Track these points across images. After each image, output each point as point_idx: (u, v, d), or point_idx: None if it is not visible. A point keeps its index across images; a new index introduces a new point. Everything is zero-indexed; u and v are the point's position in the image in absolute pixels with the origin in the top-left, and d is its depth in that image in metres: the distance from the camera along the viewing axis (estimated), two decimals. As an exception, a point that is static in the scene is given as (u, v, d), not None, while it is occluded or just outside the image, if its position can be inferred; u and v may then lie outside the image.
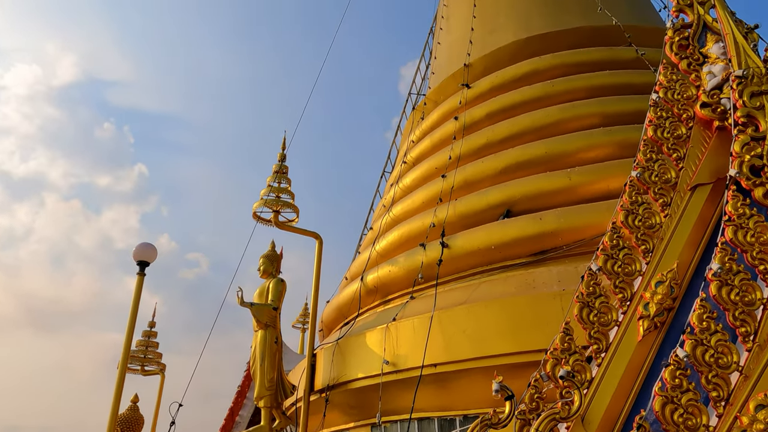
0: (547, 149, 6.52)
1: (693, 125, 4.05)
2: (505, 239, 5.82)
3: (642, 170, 3.95)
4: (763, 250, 3.25)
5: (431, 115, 9.23)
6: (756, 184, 3.43)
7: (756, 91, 3.70)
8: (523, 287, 5.29)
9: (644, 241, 3.69)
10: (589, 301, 3.56)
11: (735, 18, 4.26)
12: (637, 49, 7.72)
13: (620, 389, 3.27)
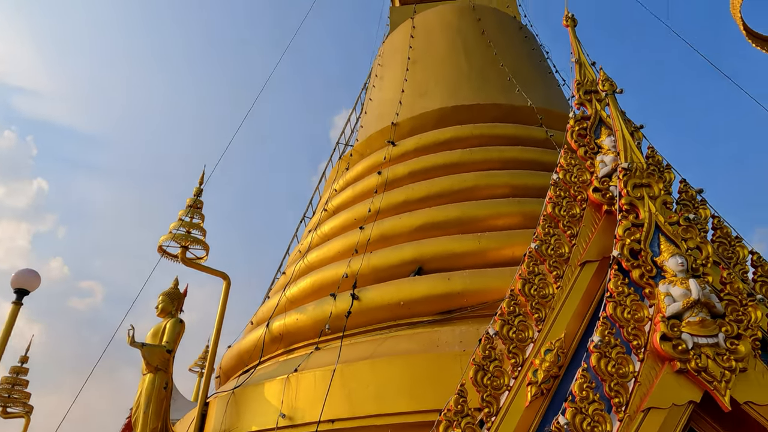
0: (460, 213, 6.85)
1: (586, 206, 4.47)
2: (413, 296, 5.94)
3: (540, 243, 4.26)
4: (637, 327, 3.58)
5: (356, 166, 9.43)
6: (634, 265, 3.81)
7: (638, 183, 4.19)
8: (427, 345, 5.38)
9: (538, 309, 3.94)
10: (485, 364, 3.69)
11: (625, 117, 4.85)
12: (547, 130, 8.49)
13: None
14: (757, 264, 4.14)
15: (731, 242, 4.26)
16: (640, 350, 3.48)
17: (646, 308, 3.65)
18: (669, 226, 3.96)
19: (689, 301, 3.48)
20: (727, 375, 3.28)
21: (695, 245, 3.88)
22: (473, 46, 10.93)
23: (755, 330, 3.51)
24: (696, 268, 3.74)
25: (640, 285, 3.76)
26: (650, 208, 4.06)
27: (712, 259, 3.86)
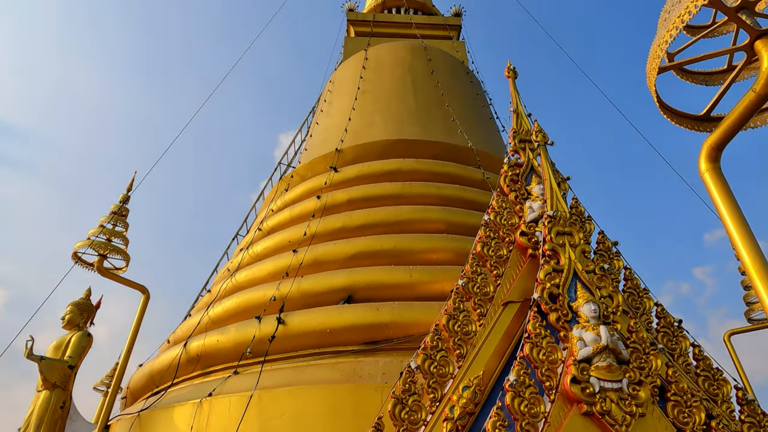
0: (395, 244, 6.92)
1: (513, 249, 4.67)
2: (341, 324, 5.88)
3: (467, 280, 4.38)
4: (551, 368, 3.73)
5: (296, 188, 9.35)
6: (552, 309, 3.99)
7: (561, 231, 4.43)
8: (350, 375, 5.31)
9: (460, 345, 4.01)
10: (404, 398, 3.69)
11: (554, 168, 5.16)
12: (484, 172, 8.84)
13: (417, 490, 3.35)
14: (660, 315, 4.46)
15: (640, 293, 4.58)
16: (551, 391, 3.61)
17: (560, 351, 3.81)
18: (586, 274, 4.20)
19: (599, 346, 3.68)
20: (628, 419, 3.46)
21: (608, 294, 4.13)
22: (422, 84, 11.30)
23: (655, 377, 3.75)
24: (607, 316, 3.97)
25: (557, 328, 3.94)
26: (570, 256, 4.29)
27: (622, 308, 4.12)
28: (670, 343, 4.27)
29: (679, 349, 4.25)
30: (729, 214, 2.49)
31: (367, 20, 15.65)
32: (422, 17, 16.08)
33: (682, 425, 3.58)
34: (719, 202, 2.54)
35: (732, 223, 2.46)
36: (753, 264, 2.30)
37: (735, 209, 2.49)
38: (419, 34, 14.54)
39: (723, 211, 2.52)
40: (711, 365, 4.20)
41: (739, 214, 2.49)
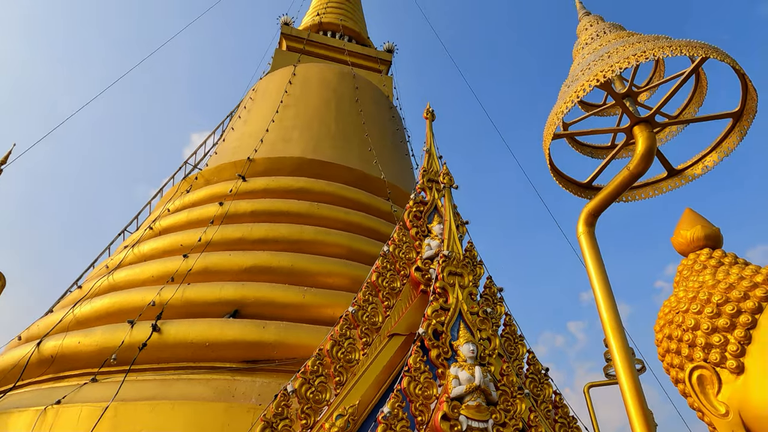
0: (293, 263, 6.79)
1: (406, 282, 4.77)
2: (222, 339, 5.59)
3: (357, 308, 4.39)
4: (425, 404, 3.81)
5: (199, 191, 8.91)
6: (434, 345, 4.11)
7: (453, 271, 4.61)
8: (223, 394, 5.04)
9: (340, 373, 3.97)
10: (274, 422, 3.56)
11: (455, 211, 5.41)
12: (392, 205, 9.04)
13: None
14: (531, 362, 4.75)
15: (515, 339, 4.86)
16: (422, 426, 3.68)
17: (436, 387, 3.91)
18: (470, 315, 4.39)
19: (472, 386, 3.82)
20: (489, 459, 3.61)
21: (487, 336, 4.34)
22: (345, 110, 11.43)
23: (518, 420, 3.96)
24: (483, 357, 4.16)
25: (436, 365, 4.04)
26: (458, 296, 4.47)
27: (498, 351, 4.34)
28: (536, 389, 4.55)
29: (543, 395, 4.54)
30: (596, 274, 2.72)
31: (301, 37, 15.65)
32: (356, 46, 16.41)
33: (536, 468, 3.80)
34: (589, 263, 2.77)
35: (597, 283, 2.69)
36: (609, 322, 2.52)
37: (601, 271, 2.72)
38: (350, 62, 14.78)
39: (591, 271, 2.75)
40: (568, 413, 4.53)
41: (603, 275, 2.72)
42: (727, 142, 2.97)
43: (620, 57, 2.57)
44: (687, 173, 3.15)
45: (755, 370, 1.76)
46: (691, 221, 2.50)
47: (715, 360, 1.84)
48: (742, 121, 2.84)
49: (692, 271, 2.29)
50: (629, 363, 2.50)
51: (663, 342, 2.18)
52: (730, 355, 1.82)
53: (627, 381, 2.14)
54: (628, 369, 2.42)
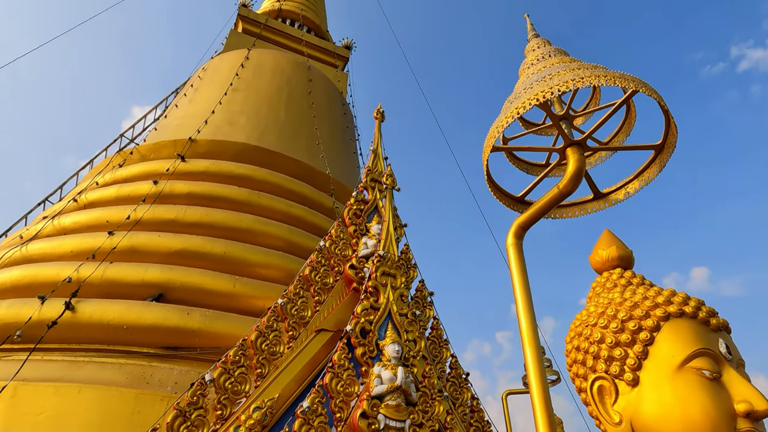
0: (226, 250, 6.61)
1: (339, 279, 4.76)
2: (142, 322, 5.35)
3: (287, 301, 4.33)
4: (345, 401, 3.81)
5: (133, 167, 8.48)
6: (360, 343, 4.13)
7: (386, 272, 4.66)
8: (136, 380, 4.81)
9: (263, 365, 3.91)
10: (188, 411, 3.44)
11: (395, 213, 5.46)
12: (335, 201, 9.00)
13: None
14: (453, 366, 4.87)
15: (441, 343, 4.97)
16: (340, 423, 3.68)
17: (358, 385, 3.93)
18: (399, 317, 4.45)
19: (393, 386, 3.87)
20: (402, 458, 3.66)
21: (413, 338, 4.41)
22: (296, 101, 11.26)
23: (435, 422, 4.05)
24: (408, 358, 4.23)
25: (360, 363, 4.06)
26: (389, 297, 4.52)
27: (422, 354, 4.42)
28: (456, 393, 4.68)
29: (461, 399, 4.66)
30: (519, 285, 2.80)
31: (259, 21, 15.27)
32: (314, 38, 16.21)
33: (447, 469, 3.90)
34: (514, 273, 2.86)
35: (519, 293, 2.78)
36: (526, 331, 2.61)
37: (525, 282, 2.82)
38: (306, 53, 14.59)
39: (515, 281, 2.84)
40: (483, 417, 4.68)
41: (526, 286, 2.81)
42: (648, 172, 3.18)
43: (560, 80, 2.69)
44: (611, 197, 3.33)
45: (648, 383, 1.88)
46: (608, 242, 2.64)
47: (615, 372, 1.95)
48: (662, 154, 3.05)
49: (604, 288, 2.42)
50: (540, 371, 2.61)
51: (572, 353, 2.29)
52: (628, 369, 1.94)
53: (537, 388, 2.24)
54: (538, 377, 2.52)
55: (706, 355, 1.88)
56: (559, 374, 9.39)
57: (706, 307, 2.05)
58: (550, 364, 9.43)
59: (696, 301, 2.09)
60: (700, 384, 1.80)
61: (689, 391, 1.79)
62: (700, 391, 1.77)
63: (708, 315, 2.01)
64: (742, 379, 1.82)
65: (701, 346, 1.89)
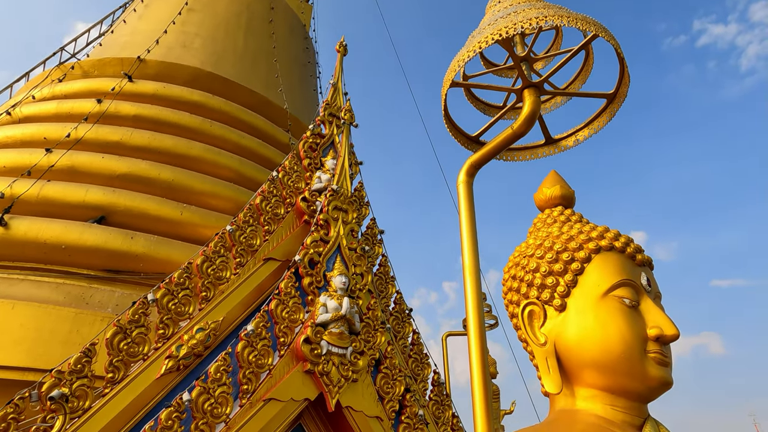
0: (173, 177, 6.39)
1: (290, 211, 4.74)
2: (81, 243, 5.17)
3: (236, 228, 4.29)
4: (290, 327, 3.89)
5: (74, 83, 7.91)
6: (308, 273, 4.17)
7: (338, 206, 4.67)
8: (75, 300, 4.71)
9: (208, 288, 3.90)
10: (129, 328, 3.42)
11: (351, 149, 5.41)
12: (291, 138, 8.80)
13: (116, 422, 3.14)
14: (397, 302, 5.03)
15: (387, 280, 5.10)
16: (283, 347, 3.77)
17: (303, 313, 4.01)
18: (348, 251, 4.50)
19: (337, 315, 3.98)
20: (342, 382, 3.82)
21: (361, 272, 4.50)
22: (256, 29, 10.70)
23: (375, 351, 4.22)
24: (354, 291, 4.33)
25: (307, 292, 4.13)
26: (340, 231, 4.55)
27: (368, 288, 4.53)
28: (398, 326, 4.86)
29: (403, 332, 4.86)
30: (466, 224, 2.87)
31: (219, -62, 14.15)
32: (278, -37, 15.25)
33: (384, 393, 4.11)
34: (462, 211, 2.92)
35: (465, 232, 2.84)
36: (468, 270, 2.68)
37: (472, 221, 2.89)
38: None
39: (462, 219, 2.90)
40: (422, 350, 4.91)
41: (473, 226, 2.88)
42: (598, 121, 3.27)
43: (524, 17, 2.68)
44: (561, 144, 3.43)
45: (574, 309, 2.00)
46: (553, 181, 2.73)
47: (545, 298, 2.06)
48: (614, 103, 3.14)
49: (544, 223, 2.51)
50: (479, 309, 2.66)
51: (508, 281, 2.39)
52: (557, 295, 2.04)
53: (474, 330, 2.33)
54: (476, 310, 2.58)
55: (628, 286, 2.00)
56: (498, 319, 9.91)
57: (634, 244, 2.18)
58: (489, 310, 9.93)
59: (626, 237, 2.21)
60: (620, 311, 1.93)
61: (609, 316, 1.92)
62: (619, 317, 1.91)
63: (635, 251, 2.13)
64: (657, 308, 1.96)
65: (625, 277, 2.02)
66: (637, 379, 1.83)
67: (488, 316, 9.77)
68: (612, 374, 1.84)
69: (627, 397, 1.86)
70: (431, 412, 4.44)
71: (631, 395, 1.85)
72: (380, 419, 3.87)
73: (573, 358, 1.89)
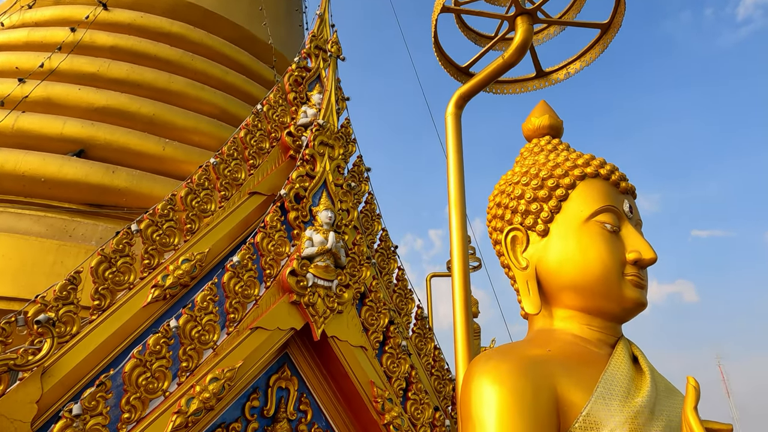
0: (155, 111, 6.21)
1: (275, 145, 4.66)
2: (61, 176, 5.06)
3: (220, 161, 4.22)
4: (275, 259, 3.92)
5: (45, 9, 7.48)
6: (294, 208, 4.16)
7: (324, 142, 4.60)
8: (58, 232, 4.67)
9: (192, 221, 3.88)
10: (113, 257, 3.41)
11: (338, 84, 5.27)
12: (276, 74, 8.53)
13: (104, 347, 3.19)
14: (383, 239, 5.08)
15: (373, 217, 5.12)
16: (269, 279, 3.81)
17: (289, 246, 4.03)
18: (334, 187, 4.48)
19: (323, 248, 4.01)
20: (327, 313, 3.91)
21: (347, 208, 4.50)
22: (238, -43, 10.11)
23: (361, 285, 4.29)
24: (339, 226, 4.34)
25: (292, 226, 4.13)
26: (326, 166, 4.51)
27: (354, 224, 4.55)
28: (383, 262, 4.93)
29: (388, 268, 4.93)
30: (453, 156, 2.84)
31: None
32: None
33: (369, 325, 4.22)
34: (450, 143, 2.89)
35: (452, 165, 2.82)
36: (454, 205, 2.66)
37: (459, 154, 2.86)
38: None
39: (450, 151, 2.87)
40: (406, 286, 5.01)
41: (460, 159, 2.86)
42: (591, 53, 3.20)
43: (521, -64, 2.55)
44: (552, 77, 3.36)
45: (556, 234, 2.02)
46: (542, 111, 2.70)
47: (529, 224, 2.07)
48: (607, 34, 3.07)
49: (531, 152, 2.49)
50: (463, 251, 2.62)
51: (492, 209, 2.39)
52: (541, 221, 2.05)
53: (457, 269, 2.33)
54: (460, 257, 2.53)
55: (610, 211, 2.02)
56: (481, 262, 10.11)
57: (619, 172, 2.18)
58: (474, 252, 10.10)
59: (611, 165, 2.21)
60: (601, 235, 1.95)
61: (590, 240, 1.94)
62: (600, 241, 1.93)
63: (619, 179, 2.14)
64: (637, 234, 1.99)
65: (608, 203, 2.03)
66: (614, 300, 1.88)
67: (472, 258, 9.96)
68: (590, 296, 1.89)
69: (603, 317, 1.92)
70: (414, 344, 4.59)
71: (606, 315, 1.91)
72: (364, 349, 3.99)
73: (553, 281, 1.93)
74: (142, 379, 2.99)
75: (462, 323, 2.31)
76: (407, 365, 4.18)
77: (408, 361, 4.21)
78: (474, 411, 1.52)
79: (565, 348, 1.86)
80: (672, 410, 1.70)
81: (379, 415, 3.79)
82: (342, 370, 3.85)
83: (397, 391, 4.03)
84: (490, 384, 1.55)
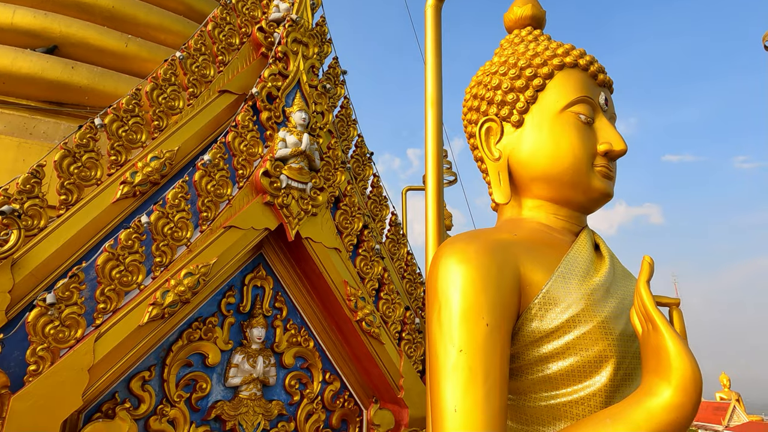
0: (115, 4, 5.73)
1: (246, 42, 4.41)
2: (16, 71, 4.73)
3: (187, 56, 3.99)
4: (248, 160, 3.85)
5: None
6: (266, 108, 4.03)
7: (298, 39, 4.37)
8: (18, 130, 4.45)
9: (160, 118, 3.73)
10: (78, 152, 3.29)
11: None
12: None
13: (74, 241, 3.17)
14: (358, 145, 5.01)
15: (348, 122, 5.01)
16: (242, 180, 3.77)
17: (262, 147, 3.95)
18: (308, 87, 4.32)
19: (297, 150, 3.94)
20: (302, 214, 3.92)
21: (321, 111, 4.38)
22: None
23: (335, 188, 4.29)
24: (314, 129, 4.25)
25: (265, 127, 4.02)
26: (300, 66, 4.32)
27: (329, 128, 4.45)
28: (358, 169, 4.90)
29: (363, 174, 4.91)
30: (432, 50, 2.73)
31: None
32: None
33: (343, 228, 4.27)
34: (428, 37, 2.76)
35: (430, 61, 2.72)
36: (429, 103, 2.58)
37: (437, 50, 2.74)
38: None
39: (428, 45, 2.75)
40: (381, 193, 5.03)
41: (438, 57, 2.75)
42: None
43: None
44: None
45: (531, 125, 2.00)
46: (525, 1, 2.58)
47: (504, 115, 2.04)
48: None
49: (511, 43, 2.41)
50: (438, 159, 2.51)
51: (469, 101, 2.35)
52: (516, 112, 2.02)
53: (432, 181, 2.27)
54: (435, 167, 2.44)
55: (585, 102, 2.00)
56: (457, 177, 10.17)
57: (598, 64, 2.13)
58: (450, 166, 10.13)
59: (591, 57, 2.16)
60: (574, 126, 1.94)
61: (563, 130, 1.94)
62: (572, 132, 1.92)
63: (597, 70, 2.10)
64: (610, 126, 1.99)
65: (584, 94, 2.01)
66: (581, 190, 1.91)
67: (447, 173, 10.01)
68: (559, 185, 1.91)
69: (569, 206, 1.97)
70: (387, 249, 4.69)
71: (573, 205, 1.96)
72: (338, 250, 4.06)
73: (524, 171, 1.95)
74: (116, 272, 3.00)
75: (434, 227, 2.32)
76: (380, 267, 4.30)
77: (381, 264, 4.32)
78: (440, 287, 1.57)
79: (530, 234, 1.91)
80: (626, 290, 1.80)
81: (351, 312, 3.94)
82: (316, 270, 3.94)
83: (369, 291, 4.18)
84: (456, 263, 1.59)
